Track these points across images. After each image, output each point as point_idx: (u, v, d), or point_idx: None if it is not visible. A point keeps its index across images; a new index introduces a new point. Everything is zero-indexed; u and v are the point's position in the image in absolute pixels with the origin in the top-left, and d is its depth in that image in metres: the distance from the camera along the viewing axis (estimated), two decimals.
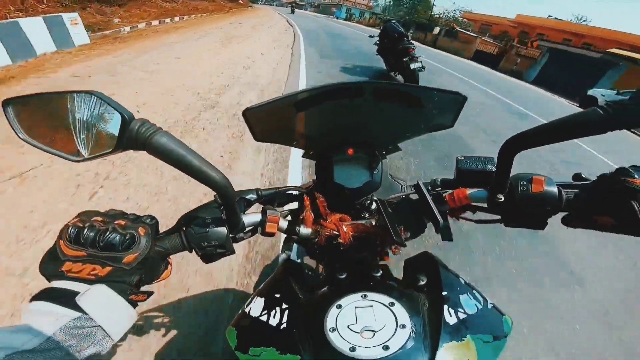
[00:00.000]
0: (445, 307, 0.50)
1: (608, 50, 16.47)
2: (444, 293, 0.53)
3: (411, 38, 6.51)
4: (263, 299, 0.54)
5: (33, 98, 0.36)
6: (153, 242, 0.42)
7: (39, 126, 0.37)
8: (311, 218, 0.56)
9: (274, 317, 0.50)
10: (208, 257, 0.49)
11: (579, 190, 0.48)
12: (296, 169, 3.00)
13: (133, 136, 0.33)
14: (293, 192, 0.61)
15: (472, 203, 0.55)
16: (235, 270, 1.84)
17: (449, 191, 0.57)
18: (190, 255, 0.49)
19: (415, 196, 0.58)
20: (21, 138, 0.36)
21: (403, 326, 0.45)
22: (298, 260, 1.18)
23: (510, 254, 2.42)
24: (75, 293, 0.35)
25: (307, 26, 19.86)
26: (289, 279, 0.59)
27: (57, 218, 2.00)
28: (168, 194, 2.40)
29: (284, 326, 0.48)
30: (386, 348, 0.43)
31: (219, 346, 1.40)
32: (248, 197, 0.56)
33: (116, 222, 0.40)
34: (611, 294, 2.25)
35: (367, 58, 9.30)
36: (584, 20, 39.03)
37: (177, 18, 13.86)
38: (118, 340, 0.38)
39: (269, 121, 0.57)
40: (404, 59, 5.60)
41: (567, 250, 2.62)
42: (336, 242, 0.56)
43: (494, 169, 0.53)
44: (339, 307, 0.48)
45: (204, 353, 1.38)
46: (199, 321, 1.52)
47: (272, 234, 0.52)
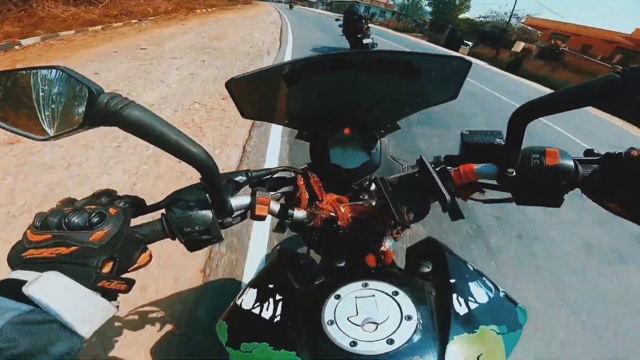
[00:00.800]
0: (454, 296, 0.46)
1: None
2: (452, 280, 0.49)
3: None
4: (256, 290, 0.51)
5: None
6: (128, 224, 0.39)
7: (3, 106, 0.35)
8: (306, 198, 0.53)
9: (268, 310, 0.47)
10: (192, 244, 0.45)
11: (594, 168, 0.45)
12: None
13: (102, 111, 0.31)
14: (286, 174, 0.58)
15: (480, 180, 0.51)
16: None
17: (455, 168, 0.53)
18: None
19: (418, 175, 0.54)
20: None
21: (409, 317, 0.42)
22: (299, 250, 1.16)
23: None
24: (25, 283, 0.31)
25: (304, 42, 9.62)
26: (284, 269, 0.56)
27: None
28: None
29: (278, 319, 0.46)
30: (391, 342, 0.39)
31: None
32: (237, 179, 0.52)
33: (87, 207, 0.37)
34: None
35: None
36: None
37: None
38: (89, 335, 0.33)
39: (256, 96, 0.54)
40: (359, 36, 6.97)
41: None
42: (334, 225, 0.52)
43: (503, 142, 0.50)
44: (338, 298, 0.45)
45: None
46: None
47: (263, 218, 0.48)
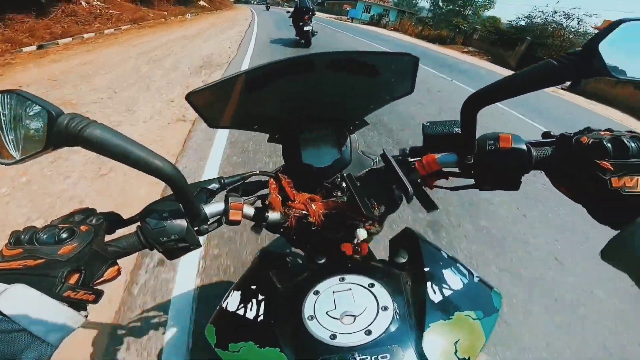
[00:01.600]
0: (428, 284, 0.48)
1: None
2: (426, 269, 0.51)
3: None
4: (240, 293, 0.53)
5: None
6: (100, 240, 0.41)
7: None
8: (278, 200, 0.54)
9: (251, 310, 0.49)
10: (170, 253, 0.46)
11: (548, 151, 0.46)
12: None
13: (63, 132, 0.31)
14: (259, 178, 0.59)
15: (443, 168, 0.53)
16: None
17: (419, 159, 0.55)
18: None
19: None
20: None
21: (385, 308, 0.43)
22: (288, 250, 1.17)
23: None
24: None
25: None
26: (266, 270, 0.57)
27: None
28: None
29: (261, 318, 0.47)
30: (369, 333, 0.41)
31: None
32: (210, 187, 0.53)
33: (60, 225, 0.39)
34: None
35: None
36: None
37: None
38: (59, 343, 0.36)
39: (220, 105, 0.54)
40: (300, 24, 8.20)
41: None
42: (307, 222, 0.54)
43: (460, 130, 0.51)
44: (317, 294, 0.47)
45: None
46: None
47: (237, 222, 0.49)
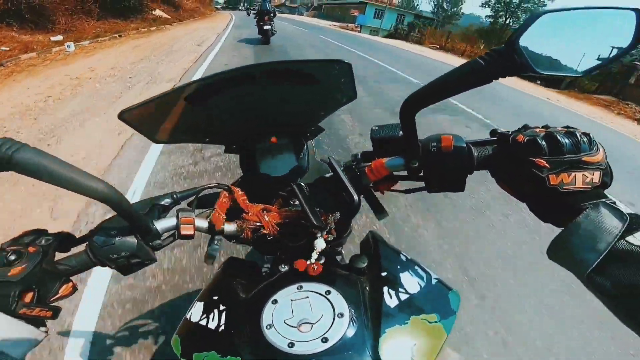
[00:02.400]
0: (385, 289, 0.48)
1: None
2: (384, 274, 0.51)
3: None
4: (203, 304, 0.53)
5: None
6: (50, 259, 0.42)
7: None
8: (221, 218, 0.53)
9: (213, 320, 0.49)
10: (124, 269, 0.47)
11: (490, 150, 0.46)
12: None
13: None
14: (215, 191, 0.59)
15: (394, 172, 0.53)
16: None
17: (369, 164, 0.55)
18: None
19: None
20: None
21: (341, 315, 0.44)
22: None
23: None
24: None
25: None
26: (229, 280, 0.57)
27: None
28: None
29: (222, 328, 0.47)
30: (325, 340, 0.41)
31: None
32: (162, 203, 0.52)
33: (8, 247, 0.41)
34: None
35: None
36: None
37: None
38: (23, 357, 0.38)
39: (160, 121, 0.53)
40: (261, 23, 9.15)
41: None
42: (263, 234, 0.54)
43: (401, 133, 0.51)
44: (275, 302, 0.47)
45: None
46: None
47: (191, 237, 0.49)
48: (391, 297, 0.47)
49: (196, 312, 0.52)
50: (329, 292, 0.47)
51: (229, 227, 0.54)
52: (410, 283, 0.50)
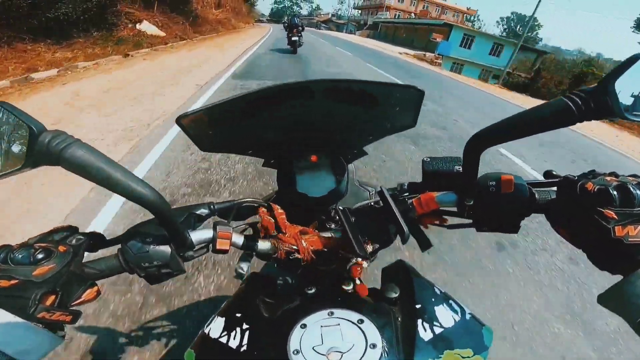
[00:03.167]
0: (419, 322, 0.47)
1: None
2: (418, 306, 0.50)
3: None
4: (224, 319, 0.51)
5: None
6: (78, 261, 0.40)
7: None
8: (269, 229, 0.53)
9: (234, 339, 0.47)
10: (152, 278, 0.45)
11: (550, 194, 0.45)
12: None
13: (43, 151, 0.31)
14: (251, 205, 0.57)
15: (441, 207, 0.52)
16: None
17: (417, 196, 0.54)
18: None
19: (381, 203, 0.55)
20: None
21: (373, 346, 0.42)
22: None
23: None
24: None
25: None
26: (253, 296, 0.56)
27: None
28: None
29: (245, 348, 0.45)
30: None
31: None
32: (199, 212, 0.51)
33: (36, 244, 0.38)
34: None
35: None
36: None
37: None
38: None
39: (213, 129, 0.53)
40: (290, 35, 11.22)
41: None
42: (297, 257, 0.52)
43: (461, 170, 0.50)
44: (304, 327, 0.45)
45: None
46: None
47: (225, 251, 0.48)
48: (425, 330, 0.46)
49: (216, 328, 0.50)
50: (362, 321, 0.45)
51: (263, 246, 0.52)
52: (444, 317, 0.49)
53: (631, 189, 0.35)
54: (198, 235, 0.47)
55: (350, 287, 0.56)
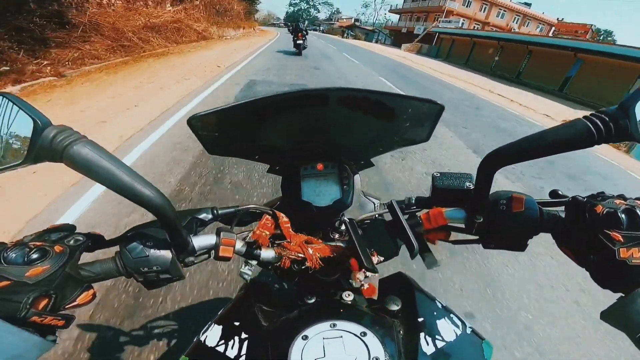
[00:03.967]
0: (421, 335, 0.47)
1: None
2: (420, 319, 0.50)
3: None
4: (221, 327, 0.50)
5: None
6: (74, 262, 0.38)
7: None
8: (266, 240, 0.52)
9: (232, 348, 0.46)
10: (150, 283, 0.43)
11: (558, 214, 0.46)
12: None
13: (46, 146, 0.30)
14: (255, 211, 0.56)
15: (449, 223, 0.52)
16: None
17: (424, 210, 0.54)
18: None
19: (388, 216, 0.54)
20: None
21: (376, 359, 0.41)
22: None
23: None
24: None
25: None
26: (251, 304, 0.55)
27: None
28: None
29: (243, 359, 0.44)
30: None
31: None
32: (201, 217, 0.50)
33: (32, 242, 0.36)
34: None
35: None
36: None
37: None
38: None
39: (223, 132, 0.52)
40: (295, 38, 12.44)
41: None
42: (302, 267, 0.51)
43: (472, 187, 0.51)
44: (305, 339, 0.44)
45: None
46: None
47: (228, 259, 0.47)
48: (428, 344, 0.46)
49: (212, 336, 0.49)
50: (365, 334, 0.44)
51: (267, 254, 0.51)
52: (446, 331, 0.49)
53: (638, 213, 0.36)
54: (200, 240, 0.46)
55: (350, 298, 0.55)
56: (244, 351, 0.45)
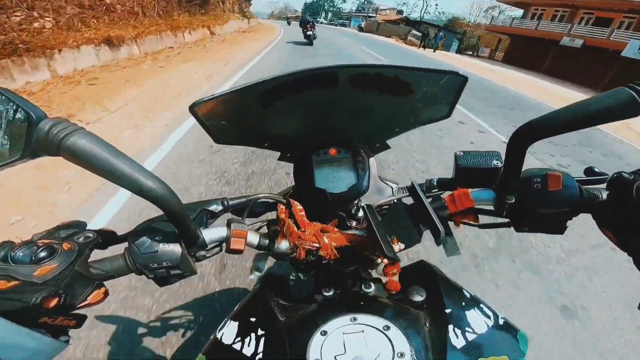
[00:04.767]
0: (450, 328, 0.44)
1: None
2: (447, 310, 0.47)
3: None
4: (237, 324, 0.48)
5: None
6: (84, 260, 0.37)
7: None
8: (290, 230, 0.49)
9: (249, 346, 0.44)
10: (161, 280, 0.42)
11: (600, 193, 0.42)
12: None
13: (42, 140, 0.28)
14: (267, 201, 0.54)
15: (477, 205, 0.48)
16: None
17: (448, 193, 0.50)
18: None
19: (408, 199, 0.50)
20: None
21: (401, 355, 0.39)
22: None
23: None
24: None
25: None
26: (267, 300, 0.53)
27: None
28: None
29: (260, 357, 0.43)
30: None
31: None
32: (211, 208, 0.48)
33: (40, 240, 0.36)
34: None
35: None
36: None
37: None
38: None
39: (228, 119, 0.50)
40: (304, 30, 13.55)
41: None
42: (317, 256, 0.49)
43: (500, 165, 0.47)
44: (324, 334, 0.42)
45: None
46: None
47: (240, 251, 0.45)
48: (457, 337, 0.43)
49: (229, 333, 0.47)
50: (388, 328, 0.42)
51: (282, 245, 0.49)
52: (477, 322, 0.46)
53: None
54: (211, 233, 0.44)
55: (371, 290, 0.53)
56: (261, 348, 0.44)
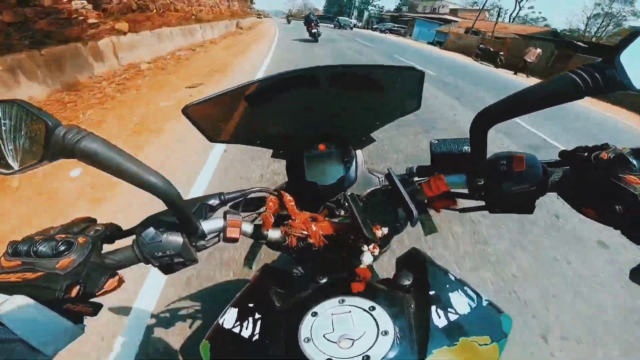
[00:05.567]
0: (433, 308, 0.46)
1: None
2: (432, 292, 0.49)
3: None
4: (237, 310, 0.52)
5: None
6: (97, 252, 0.41)
7: None
8: (270, 220, 0.53)
9: (247, 329, 0.48)
10: (166, 268, 0.46)
11: (565, 171, 0.44)
12: None
13: (59, 145, 0.32)
14: (261, 195, 0.58)
15: (452, 189, 0.51)
16: None
17: (427, 179, 0.53)
18: None
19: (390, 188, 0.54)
20: None
21: (385, 333, 0.42)
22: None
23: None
24: None
25: None
26: (265, 287, 0.56)
27: None
28: None
29: (257, 338, 0.46)
30: (367, 358, 0.39)
31: None
32: (210, 203, 0.52)
33: (57, 235, 0.39)
34: None
35: None
36: None
37: None
38: (54, 355, 0.36)
39: (220, 119, 0.54)
40: (309, 28, 14.39)
41: None
42: (308, 244, 0.52)
43: (470, 149, 0.49)
44: (315, 315, 0.45)
45: None
46: None
47: (235, 240, 0.49)
48: (439, 317, 0.45)
49: (229, 318, 0.51)
50: (373, 308, 0.45)
51: (274, 234, 0.53)
52: (460, 303, 0.48)
53: None
54: (209, 225, 0.48)
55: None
56: (258, 330, 0.47)
